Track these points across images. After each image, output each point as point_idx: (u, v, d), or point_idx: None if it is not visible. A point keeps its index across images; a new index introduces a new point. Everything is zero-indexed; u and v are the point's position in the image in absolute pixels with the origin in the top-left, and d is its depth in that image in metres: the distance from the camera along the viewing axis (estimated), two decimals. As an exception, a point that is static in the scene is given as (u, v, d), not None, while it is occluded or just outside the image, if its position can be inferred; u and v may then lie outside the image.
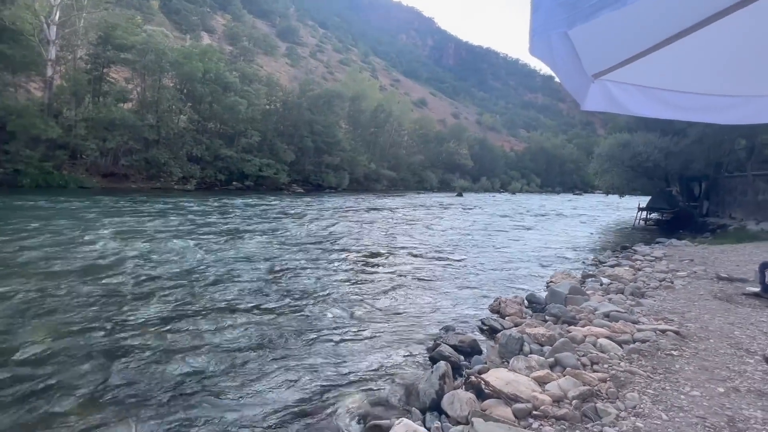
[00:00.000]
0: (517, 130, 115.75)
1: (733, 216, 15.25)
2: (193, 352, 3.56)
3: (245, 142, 31.36)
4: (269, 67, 56.44)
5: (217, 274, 6.22)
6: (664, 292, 5.31)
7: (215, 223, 11.74)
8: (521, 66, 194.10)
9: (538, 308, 4.97)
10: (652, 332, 3.60)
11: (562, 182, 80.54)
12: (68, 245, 7.36)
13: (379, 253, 8.75)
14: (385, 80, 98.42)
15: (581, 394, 2.51)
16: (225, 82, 30.03)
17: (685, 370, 2.88)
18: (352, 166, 40.54)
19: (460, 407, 2.48)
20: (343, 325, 4.43)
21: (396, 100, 57.11)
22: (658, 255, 8.34)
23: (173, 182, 26.36)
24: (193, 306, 4.75)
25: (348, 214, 16.72)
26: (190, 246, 8.09)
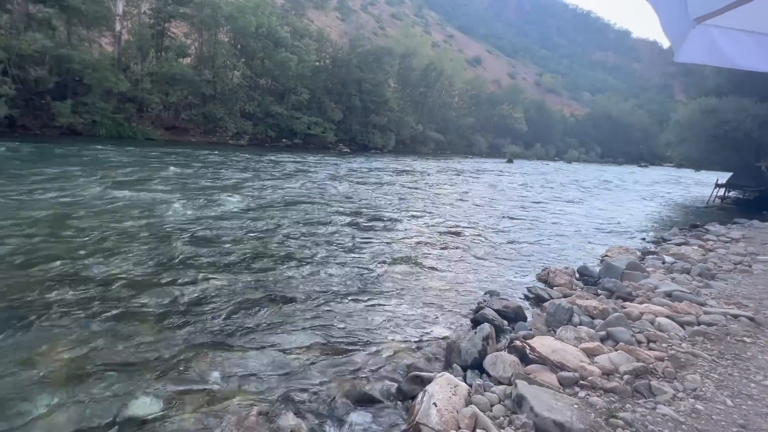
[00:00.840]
0: (580, 92, 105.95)
1: (835, 198, 13.22)
2: (255, 299, 3.83)
3: (295, 100, 31.62)
4: (320, 22, 55.29)
5: (267, 228, 6.54)
6: (739, 276, 4.82)
7: (265, 179, 12.22)
8: (593, 20, 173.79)
9: (590, 281, 4.74)
10: (721, 316, 3.31)
11: (626, 152, 73.66)
12: (132, 194, 8.06)
13: (424, 219, 8.70)
14: (438, 36, 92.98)
15: (634, 369, 2.40)
16: (276, 37, 29.95)
17: (757, 358, 2.64)
18: (399, 127, 39.75)
19: (503, 368, 2.48)
20: (390, 284, 4.52)
21: (449, 58, 54.02)
22: (735, 236, 7.52)
23: (228, 137, 27.56)
24: (248, 255, 5.07)
25: (393, 178, 16.64)
26: (235, 200, 8.54)
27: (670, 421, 1.91)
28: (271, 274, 4.43)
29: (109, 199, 7.08)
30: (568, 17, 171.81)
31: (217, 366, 2.64)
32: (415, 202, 10.37)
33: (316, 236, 6.17)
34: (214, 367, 2.63)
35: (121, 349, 2.72)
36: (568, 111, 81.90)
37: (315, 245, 5.68)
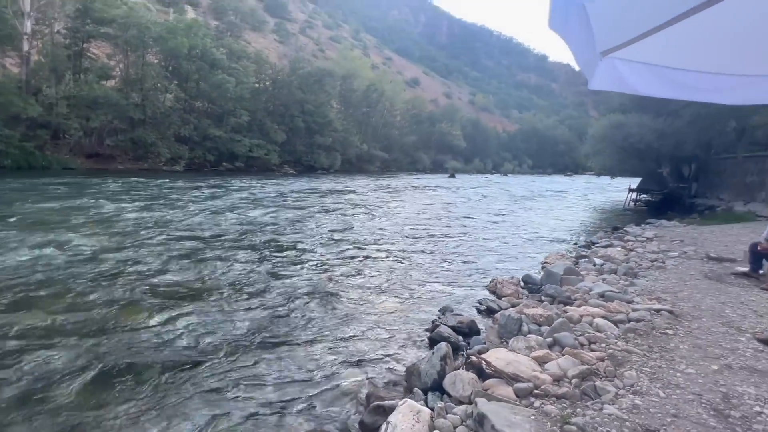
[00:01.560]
0: (509, 110, 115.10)
1: (720, 197, 15.53)
2: (183, 341, 3.53)
3: (234, 122, 30.65)
4: (257, 44, 54.65)
5: (208, 257, 6.15)
6: (656, 272, 5.41)
7: (204, 204, 11.56)
8: (515, 45, 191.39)
9: (533, 289, 5.03)
10: (646, 312, 3.67)
11: (553, 163, 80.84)
12: (37, 231, 7.18)
13: (373, 236, 8.74)
14: (377, 58, 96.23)
15: (580, 373, 2.55)
16: (212, 59, 29.08)
17: (679, 348, 2.95)
18: (344, 146, 40.07)
19: (462, 387, 2.51)
20: (341, 309, 4.43)
21: (388, 80, 56.16)
22: (649, 236, 8.47)
23: (161, 163, 25.81)
24: (182, 290, 4.70)
25: (337, 198, 16.61)
26: (176, 225, 7.97)
27: (615, 420, 2.04)
28: (193, 318, 4.13)
29: None
30: (494, 42, 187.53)
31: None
32: (358, 222, 10.39)
33: (250, 268, 5.91)
34: None
35: None
36: (501, 127, 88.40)
37: (249, 278, 5.43)
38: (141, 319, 3.76)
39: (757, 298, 4.21)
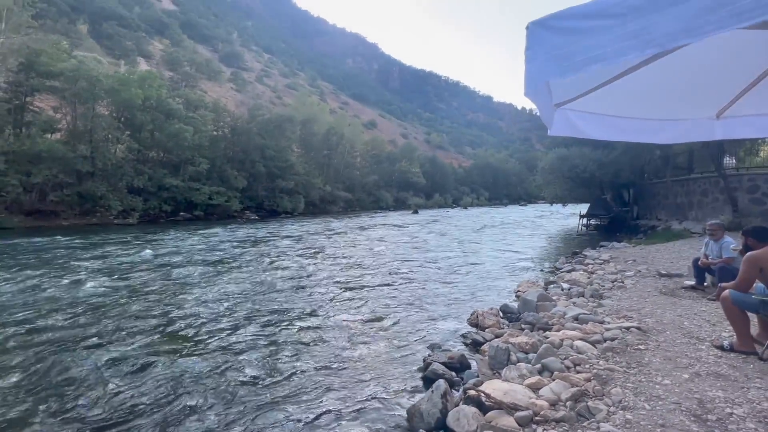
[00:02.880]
0: (463, 147, 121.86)
1: (659, 218, 17.13)
2: (166, 399, 3.31)
3: (192, 170, 29.94)
4: (214, 93, 54.96)
5: (179, 310, 5.84)
6: (618, 292, 5.84)
7: (163, 258, 11.00)
8: (462, 88, 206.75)
9: (513, 318, 5.23)
10: (618, 330, 3.96)
11: (508, 194, 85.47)
12: None
13: (344, 278, 8.71)
14: (334, 103, 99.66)
15: (573, 395, 2.70)
16: (168, 109, 28.75)
17: (653, 362, 3.21)
18: (307, 189, 40.11)
19: (467, 422, 2.56)
20: (326, 358, 4.35)
21: (346, 123, 57.98)
22: (605, 258, 9.14)
23: (112, 216, 24.35)
24: (162, 348, 4.42)
25: (306, 239, 16.46)
26: (130, 284, 7.51)
27: (613, 437, 2.19)
28: (175, 366, 3.91)
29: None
30: (443, 85, 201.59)
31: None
32: (327, 266, 10.34)
33: (218, 323, 5.70)
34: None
35: None
36: (456, 163, 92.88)
37: (217, 335, 5.23)
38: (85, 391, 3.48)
39: (706, 308, 4.68)
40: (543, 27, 1.46)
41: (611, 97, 2.83)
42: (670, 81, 2.78)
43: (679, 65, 2.53)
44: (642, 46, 1.29)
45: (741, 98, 2.93)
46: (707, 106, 3.05)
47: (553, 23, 1.44)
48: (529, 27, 1.48)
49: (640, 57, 2.16)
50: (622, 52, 1.32)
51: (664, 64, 2.45)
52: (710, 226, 5.58)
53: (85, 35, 53.35)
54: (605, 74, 2.58)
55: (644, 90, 2.85)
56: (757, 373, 2.89)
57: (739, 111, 3.02)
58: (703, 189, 14.01)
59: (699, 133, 3.24)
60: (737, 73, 2.70)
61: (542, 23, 1.46)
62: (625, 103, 3.00)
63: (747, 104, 2.94)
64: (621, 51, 1.32)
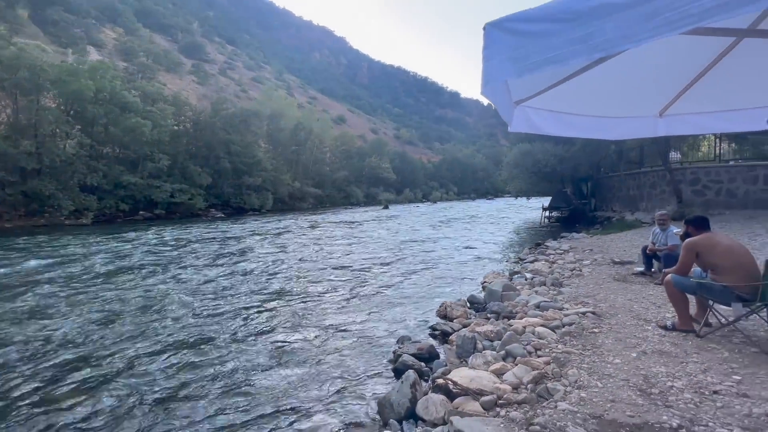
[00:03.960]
0: (432, 143, 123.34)
1: (614, 209, 18.21)
2: (141, 401, 3.20)
3: (152, 167, 28.49)
4: (174, 86, 52.41)
5: (143, 313, 5.60)
6: (576, 280, 6.19)
7: (131, 259, 10.46)
8: (430, 84, 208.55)
9: (479, 307, 5.42)
10: (575, 315, 4.21)
11: (475, 189, 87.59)
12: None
13: (317, 274, 8.67)
14: (302, 98, 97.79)
15: (534, 378, 2.86)
16: (123, 102, 27.13)
17: (605, 343, 3.45)
18: (275, 185, 39.24)
19: (435, 410, 2.66)
20: (298, 354, 4.34)
21: (315, 118, 57.08)
22: (565, 248, 9.62)
23: (63, 217, 22.76)
24: (131, 352, 4.24)
25: (273, 237, 16.17)
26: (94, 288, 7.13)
27: (569, 414, 2.35)
28: (148, 367, 3.79)
29: None
30: (411, 81, 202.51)
31: None
32: (297, 262, 10.25)
33: (188, 321, 5.55)
34: None
35: None
36: (426, 159, 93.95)
37: (188, 333, 5.10)
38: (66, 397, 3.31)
39: (654, 292, 5.06)
40: (499, 28, 1.52)
41: (566, 95, 2.99)
42: (618, 81, 2.98)
43: (626, 66, 2.72)
44: (589, 50, 1.39)
45: (680, 98, 3.19)
46: (651, 105, 3.29)
47: (508, 25, 1.51)
48: (486, 28, 1.54)
49: (588, 60, 2.31)
50: (572, 54, 1.41)
51: (613, 65, 2.62)
52: (659, 216, 6.02)
53: (26, 21, 49.13)
54: (561, 73, 2.72)
55: (596, 89, 3.04)
56: (694, 349, 3.18)
57: (679, 109, 3.28)
58: (652, 182, 15.03)
59: (644, 130, 3.49)
60: (677, 74, 2.93)
61: (498, 25, 1.53)
62: (579, 102, 3.18)
63: (685, 103, 3.20)
64: (571, 54, 1.41)
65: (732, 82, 2.86)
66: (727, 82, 2.87)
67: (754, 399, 2.40)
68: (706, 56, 2.83)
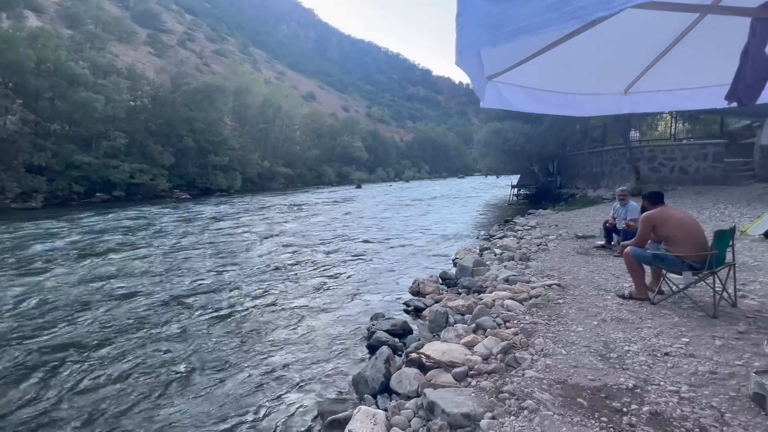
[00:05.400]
0: (404, 121, 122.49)
1: (578, 186, 18.96)
2: (120, 379, 3.07)
3: (107, 146, 26.62)
4: (128, 57, 48.60)
5: (120, 299, 5.34)
6: (543, 254, 6.44)
7: (93, 242, 9.86)
8: (402, 60, 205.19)
9: (451, 283, 5.54)
10: (542, 288, 4.39)
11: (447, 167, 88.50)
12: None
13: (289, 255, 8.55)
14: (269, 73, 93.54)
15: (503, 348, 2.97)
16: (70, 74, 24.90)
17: (569, 313, 3.62)
18: (243, 165, 37.87)
19: (408, 383, 2.71)
20: (271, 335, 4.30)
21: (284, 94, 54.92)
22: (532, 224, 9.96)
23: (9, 200, 21.04)
24: (106, 335, 4.04)
25: (241, 218, 15.74)
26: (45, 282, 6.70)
27: (535, 381, 2.46)
28: (129, 350, 3.64)
29: None
30: (383, 58, 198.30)
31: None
32: (268, 243, 10.06)
33: (159, 305, 5.37)
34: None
35: None
36: (398, 137, 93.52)
37: (161, 316, 4.93)
38: (26, 391, 3.12)
39: (613, 263, 5.35)
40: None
41: (537, 71, 2.98)
42: (587, 58, 2.99)
43: (593, 43, 2.72)
44: (564, 17, 1.35)
45: (644, 76, 3.26)
46: (617, 82, 3.36)
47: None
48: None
49: (563, 28, 2.28)
50: (547, 23, 1.37)
51: (582, 41, 2.62)
52: (620, 192, 6.31)
53: (-53, -21, 43.38)
54: (531, 48, 2.69)
55: (566, 66, 3.04)
56: (649, 316, 3.40)
57: (643, 87, 3.36)
58: (614, 159, 15.70)
59: (610, 106, 3.56)
60: (641, 52, 2.99)
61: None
62: (550, 78, 3.18)
63: (649, 81, 3.28)
64: (546, 22, 1.37)
65: (694, 60, 2.95)
66: (689, 60, 2.95)
67: (700, 358, 2.60)
68: (669, 34, 2.89)
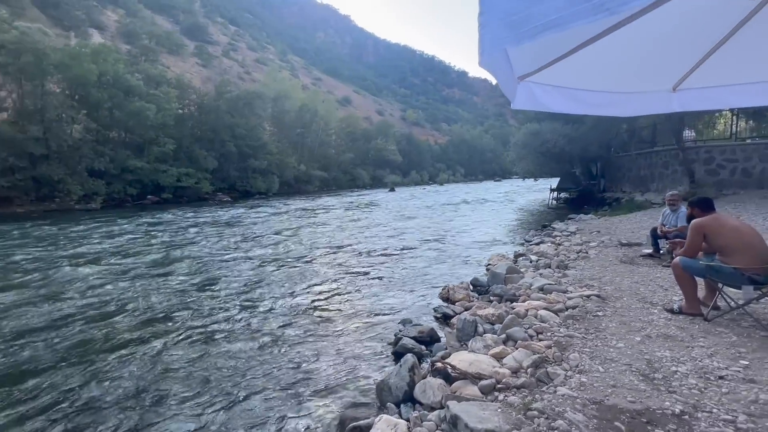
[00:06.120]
0: (439, 124, 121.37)
1: (623, 190, 17.83)
2: (148, 382, 3.24)
3: (158, 151, 28.56)
4: (177, 68, 51.90)
5: (153, 301, 5.67)
6: (582, 262, 6.09)
7: (138, 242, 10.58)
8: (437, 63, 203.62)
9: (482, 290, 5.37)
10: (579, 298, 4.13)
11: (483, 170, 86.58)
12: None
13: (321, 258, 8.68)
14: (306, 79, 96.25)
15: (534, 362, 2.82)
16: (127, 86, 27.00)
17: (609, 326, 3.38)
18: (280, 169, 39.17)
19: (432, 394, 2.63)
20: (298, 338, 4.36)
21: (320, 99, 56.30)
22: (572, 230, 9.47)
23: (73, 201, 23.07)
24: (142, 335, 4.30)
25: (280, 220, 16.21)
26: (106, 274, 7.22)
27: (568, 399, 2.30)
28: (156, 353, 3.83)
29: None
30: (418, 60, 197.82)
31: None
32: (302, 245, 10.26)
33: (204, 299, 5.60)
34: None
35: None
36: (432, 140, 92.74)
37: (190, 316, 5.14)
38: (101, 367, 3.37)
39: (661, 274, 4.95)
40: (496, -10, 1.39)
41: (574, 69, 2.80)
42: (628, 53, 2.77)
43: (636, 37, 2.52)
44: (594, 10, 1.25)
45: (696, 70, 2.99)
46: (664, 79, 3.09)
47: (505, -14, 1.38)
48: (482, -11, 1.41)
49: (592, 22, 2.14)
50: (574, 17, 1.28)
51: (622, 35, 2.43)
52: (670, 196, 5.84)
53: (27, 4, 48.55)
54: (567, 45, 2.54)
55: (605, 62, 2.84)
56: (701, 333, 3.10)
57: (694, 83, 3.07)
58: (664, 161, 14.62)
59: (657, 105, 3.29)
60: (692, 45, 2.73)
61: (495, -14, 1.39)
62: (587, 76, 2.98)
63: (700, 77, 2.99)
64: (573, 17, 1.28)
65: (752, 53, 2.66)
66: (746, 52, 2.66)
67: (762, 384, 2.32)
68: (725, 24, 2.62)
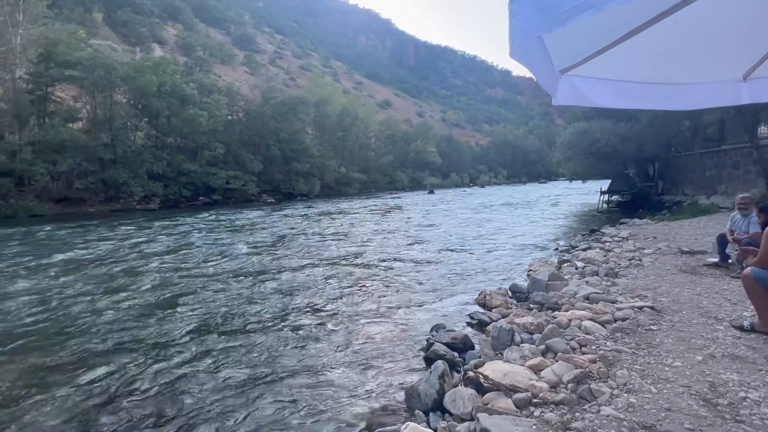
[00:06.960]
0: (480, 124, 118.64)
1: (685, 192, 16.33)
2: (181, 382, 3.41)
3: (209, 155, 30.41)
4: (228, 77, 54.96)
5: (193, 297, 5.99)
6: (635, 270, 5.61)
7: (189, 240, 11.28)
8: (479, 62, 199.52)
9: (521, 297, 5.11)
10: (630, 310, 3.80)
11: (527, 172, 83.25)
12: (26, 280, 6.85)
13: (358, 258, 8.73)
14: (348, 83, 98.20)
15: (575, 377, 2.61)
16: (182, 95, 29.03)
17: (665, 342, 3.06)
18: (322, 171, 40.17)
19: (462, 404, 2.52)
20: (332, 339, 4.38)
21: (361, 103, 57.19)
22: (624, 235, 8.79)
23: (135, 202, 25.15)
24: (168, 334, 4.55)
25: (319, 221, 16.56)
26: (154, 269, 7.74)
27: (613, 421, 2.09)
28: (181, 352, 4.01)
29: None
30: (459, 61, 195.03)
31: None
32: (340, 247, 10.36)
33: (241, 299, 5.80)
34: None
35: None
36: (473, 141, 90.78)
37: (235, 311, 5.32)
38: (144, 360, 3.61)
39: (729, 286, 4.43)
40: (527, -24, 1.29)
41: (621, 59, 2.56)
42: (687, 39, 2.49)
43: (697, 21, 2.25)
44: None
45: (771, 56, 2.63)
46: (732, 67, 2.74)
47: (537, -30, 1.27)
48: (513, -24, 1.31)
49: (629, 1, 1.94)
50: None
51: (679, 19, 2.18)
52: (741, 199, 5.20)
53: (100, 23, 53.90)
54: (614, 33, 2.33)
55: (659, 50, 2.57)
56: (777, 355, 2.71)
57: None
58: (735, 161, 13.20)
59: (723, 97, 2.92)
60: (766, 26, 2.40)
61: (526, -28, 1.29)
62: (637, 66, 2.72)
63: (778, 63, 2.63)
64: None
65: None
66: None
67: None
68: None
